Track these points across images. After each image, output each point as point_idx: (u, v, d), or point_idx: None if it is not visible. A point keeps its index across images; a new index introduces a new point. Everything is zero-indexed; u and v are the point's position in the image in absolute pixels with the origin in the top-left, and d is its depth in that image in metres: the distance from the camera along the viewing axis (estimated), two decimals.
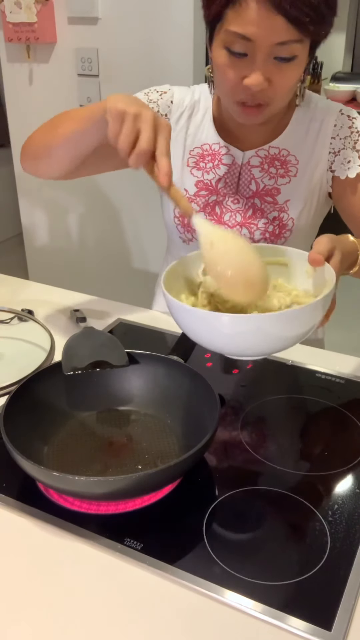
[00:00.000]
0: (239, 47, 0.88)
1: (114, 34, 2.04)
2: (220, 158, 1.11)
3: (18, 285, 1.38)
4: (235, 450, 0.85)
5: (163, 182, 0.78)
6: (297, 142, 1.08)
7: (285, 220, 1.09)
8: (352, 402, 0.95)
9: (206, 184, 1.12)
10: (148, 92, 1.13)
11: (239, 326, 0.72)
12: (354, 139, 1.05)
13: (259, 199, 1.10)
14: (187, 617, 0.63)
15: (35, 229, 2.56)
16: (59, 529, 0.72)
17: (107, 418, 0.89)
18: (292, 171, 1.09)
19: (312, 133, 1.07)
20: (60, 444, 0.84)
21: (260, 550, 0.70)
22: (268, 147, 1.09)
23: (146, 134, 0.78)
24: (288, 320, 0.73)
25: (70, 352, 0.90)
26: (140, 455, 0.82)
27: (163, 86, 1.14)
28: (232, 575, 0.66)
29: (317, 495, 0.77)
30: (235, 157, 1.10)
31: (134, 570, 0.68)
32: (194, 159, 1.13)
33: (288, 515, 0.75)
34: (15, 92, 2.32)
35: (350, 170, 1.05)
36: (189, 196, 1.13)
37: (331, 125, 1.06)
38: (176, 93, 1.13)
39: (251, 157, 1.09)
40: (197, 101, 1.12)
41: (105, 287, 2.37)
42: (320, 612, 0.62)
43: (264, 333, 0.72)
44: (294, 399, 0.97)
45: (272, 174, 1.09)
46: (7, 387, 0.96)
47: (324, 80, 3.42)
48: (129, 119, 0.79)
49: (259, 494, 0.78)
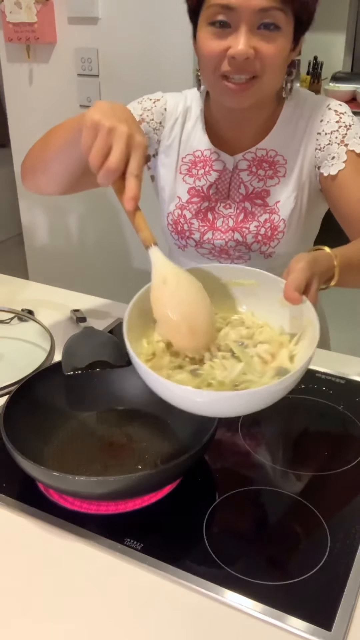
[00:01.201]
0: (222, 17, 0.89)
1: (114, 34, 2.04)
2: (211, 164, 1.10)
3: (18, 285, 1.38)
4: (235, 451, 0.85)
5: (127, 205, 0.74)
6: (284, 142, 1.06)
7: (276, 222, 1.08)
8: (352, 402, 0.95)
9: (198, 191, 1.11)
10: (141, 101, 1.12)
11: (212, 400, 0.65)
12: (342, 133, 1.01)
13: (249, 203, 1.09)
14: (187, 617, 0.63)
15: (35, 229, 2.56)
16: (59, 529, 0.72)
17: (107, 418, 0.89)
18: (280, 172, 1.07)
19: (299, 130, 1.05)
20: (60, 444, 0.84)
21: (260, 550, 0.70)
22: (255, 150, 1.07)
23: (117, 152, 0.73)
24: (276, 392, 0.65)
25: (70, 352, 0.90)
26: (140, 455, 0.82)
27: (155, 94, 1.13)
28: (232, 575, 0.66)
29: (317, 496, 0.77)
30: (225, 162, 1.09)
31: (134, 570, 0.68)
32: (186, 166, 1.12)
33: (288, 516, 0.75)
34: (15, 92, 2.32)
35: (333, 167, 1.01)
36: (182, 203, 1.12)
37: (318, 120, 1.04)
38: (169, 100, 1.12)
39: (239, 160, 1.08)
40: (189, 108, 1.11)
41: (105, 287, 2.37)
42: (320, 612, 0.62)
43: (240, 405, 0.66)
44: (294, 399, 0.97)
45: (261, 176, 1.08)
46: (7, 387, 0.95)
47: (324, 80, 3.42)
48: (102, 132, 0.74)
49: (258, 494, 0.78)
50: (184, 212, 1.12)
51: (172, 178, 1.13)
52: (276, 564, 0.68)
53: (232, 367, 0.71)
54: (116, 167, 0.74)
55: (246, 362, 0.72)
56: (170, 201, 1.14)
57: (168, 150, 1.12)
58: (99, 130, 0.74)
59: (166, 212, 1.15)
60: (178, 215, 1.13)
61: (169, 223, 1.15)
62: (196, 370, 0.72)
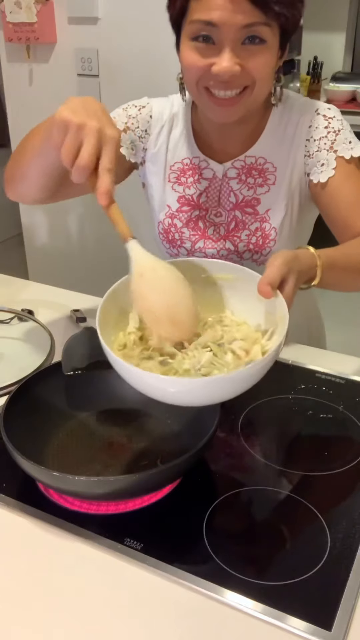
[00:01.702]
0: (206, 32, 0.87)
1: (114, 34, 2.04)
2: (200, 172, 1.08)
3: (18, 285, 1.38)
4: (235, 451, 0.85)
5: (101, 200, 0.73)
6: (273, 149, 1.04)
7: (267, 231, 1.06)
8: (352, 402, 0.95)
9: (188, 199, 1.10)
10: (126, 108, 1.10)
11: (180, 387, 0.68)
12: (331, 139, 0.99)
13: (239, 211, 1.07)
14: (187, 617, 0.63)
15: (35, 229, 2.56)
16: (59, 529, 0.72)
17: (107, 418, 0.89)
18: (270, 179, 1.05)
19: (287, 138, 1.03)
20: (60, 444, 0.84)
21: (260, 551, 0.70)
22: (244, 157, 1.05)
23: (88, 148, 0.72)
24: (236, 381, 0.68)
25: (70, 352, 0.90)
26: (140, 455, 0.82)
27: (141, 100, 1.11)
28: (232, 575, 0.66)
29: (317, 496, 0.77)
30: (215, 170, 1.07)
31: (134, 570, 0.68)
32: (174, 174, 1.10)
33: (288, 516, 0.75)
34: (15, 92, 2.32)
35: (323, 174, 0.99)
36: (172, 212, 1.11)
37: (306, 126, 1.01)
38: (155, 107, 1.10)
39: (228, 169, 1.06)
40: (175, 114, 1.09)
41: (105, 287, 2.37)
42: (320, 612, 0.62)
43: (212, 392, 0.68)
44: (294, 399, 0.97)
45: (250, 184, 1.06)
46: (7, 387, 0.96)
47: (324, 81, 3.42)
48: (72, 129, 0.73)
49: (258, 494, 0.78)
50: (174, 220, 1.11)
51: (161, 186, 1.11)
52: (276, 564, 0.68)
53: (200, 356, 0.73)
54: (87, 164, 0.72)
55: (219, 355, 0.74)
56: (160, 210, 1.12)
57: (154, 159, 1.11)
58: (69, 127, 0.73)
59: (157, 220, 1.14)
60: (169, 224, 1.11)
61: (159, 232, 1.13)
62: (165, 360, 0.74)
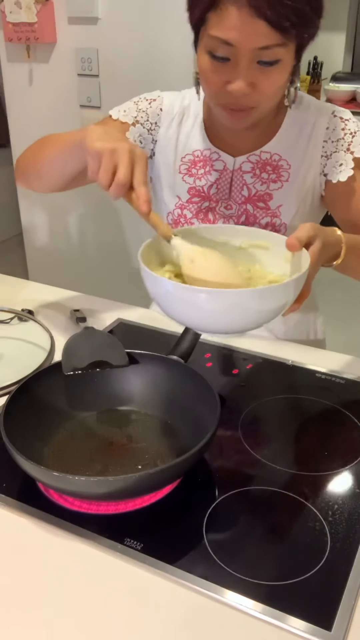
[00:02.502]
0: (222, 51, 0.88)
1: (114, 34, 2.04)
2: (211, 164, 1.10)
3: (18, 285, 1.38)
4: (235, 450, 0.85)
5: (142, 208, 0.80)
6: (288, 147, 1.07)
7: (278, 226, 1.09)
8: (352, 402, 0.95)
9: (198, 191, 1.11)
10: (137, 101, 1.12)
11: (215, 301, 0.74)
12: (347, 140, 1.04)
13: (251, 205, 1.09)
14: (187, 617, 0.63)
15: (35, 229, 2.56)
16: (59, 529, 0.72)
17: (107, 418, 0.89)
18: (284, 176, 1.07)
19: (303, 137, 1.06)
20: (60, 444, 0.84)
21: (260, 551, 0.70)
22: (259, 152, 1.07)
23: (123, 168, 0.79)
24: (261, 296, 0.75)
25: (70, 352, 0.90)
26: (140, 455, 0.82)
27: (153, 93, 1.13)
28: (232, 575, 0.66)
29: (317, 496, 0.77)
30: (226, 163, 1.09)
31: (134, 570, 0.68)
32: (185, 166, 1.12)
33: (288, 515, 0.75)
34: (15, 92, 2.32)
35: (342, 173, 1.04)
36: (182, 203, 1.12)
37: (323, 128, 1.05)
38: (165, 100, 1.12)
39: (242, 162, 1.08)
40: (187, 107, 1.11)
41: (105, 287, 2.37)
42: (320, 612, 0.62)
43: (239, 308, 0.74)
44: (293, 399, 0.97)
45: (264, 179, 1.08)
46: (7, 387, 0.96)
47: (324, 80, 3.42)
48: (106, 156, 0.80)
49: (258, 494, 0.78)
50: (184, 211, 1.12)
51: (172, 177, 1.13)
52: (276, 564, 0.68)
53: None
54: (125, 181, 0.79)
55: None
56: (170, 201, 1.14)
57: (164, 150, 1.12)
58: (102, 155, 0.80)
59: (166, 211, 1.15)
60: (178, 214, 1.13)
61: (169, 222, 1.15)
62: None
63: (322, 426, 0.92)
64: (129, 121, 1.10)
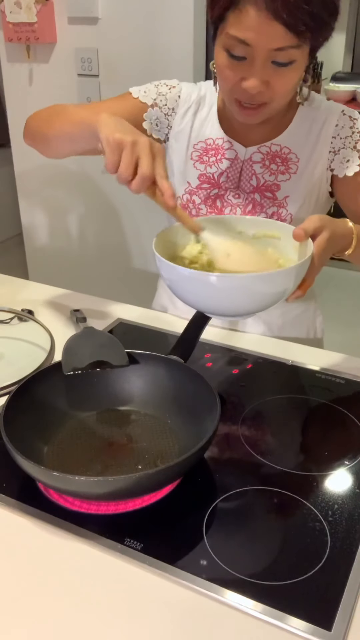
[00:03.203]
0: (239, 50, 0.90)
1: (114, 34, 2.04)
2: (223, 152, 1.13)
3: (18, 285, 1.38)
4: (235, 450, 0.85)
5: (170, 203, 0.81)
6: (298, 141, 1.10)
7: (284, 216, 1.11)
8: (352, 402, 0.95)
9: (208, 177, 1.14)
10: (158, 85, 1.15)
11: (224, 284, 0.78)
12: (355, 139, 1.07)
13: (259, 194, 1.12)
14: (187, 617, 0.63)
15: (35, 229, 2.56)
16: (59, 529, 0.72)
17: (107, 418, 0.89)
18: (292, 168, 1.10)
19: (314, 132, 1.09)
20: (60, 444, 0.84)
21: (260, 551, 0.70)
22: (270, 144, 1.10)
23: (146, 160, 0.80)
24: (265, 280, 0.79)
25: (70, 352, 0.90)
26: (140, 455, 0.82)
27: (172, 80, 1.16)
28: (232, 575, 0.66)
29: (317, 495, 0.77)
30: (238, 152, 1.12)
31: (134, 570, 0.68)
32: (197, 153, 1.14)
33: (288, 515, 0.75)
34: (15, 92, 2.32)
35: (349, 169, 1.07)
36: (192, 189, 1.15)
37: (333, 125, 1.08)
38: (184, 88, 1.15)
39: (253, 153, 1.11)
40: (203, 97, 1.15)
41: (105, 287, 2.37)
42: (320, 612, 0.62)
43: (244, 290, 0.79)
44: (294, 398, 0.97)
45: (273, 170, 1.11)
46: (7, 387, 0.96)
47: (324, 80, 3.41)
48: (127, 147, 0.80)
49: (258, 494, 0.78)
50: (193, 197, 1.15)
51: (183, 163, 1.16)
52: (276, 564, 0.68)
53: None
54: (149, 174, 0.80)
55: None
56: (180, 185, 1.16)
57: (178, 136, 1.15)
58: (124, 146, 0.80)
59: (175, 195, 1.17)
60: (187, 200, 1.16)
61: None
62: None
63: (322, 426, 0.92)
64: (148, 102, 1.13)
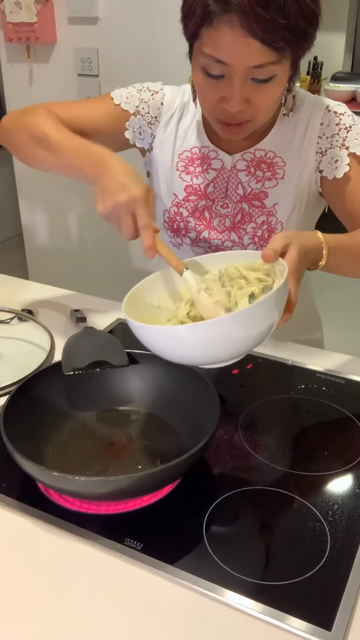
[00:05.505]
0: (215, 69, 0.88)
1: (114, 34, 2.04)
2: (209, 162, 1.09)
3: (18, 285, 1.38)
4: (235, 451, 0.85)
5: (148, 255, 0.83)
6: (283, 144, 1.06)
7: (274, 224, 1.07)
8: (352, 402, 0.95)
9: (195, 189, 1.10)
10: (141, 90, 1.12)
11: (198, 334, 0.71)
12: (342, 136, 1.02)
13: (247, 204, 1.08)
14: (187, 617, 0.63)
15: (35, 229, 2.56)
16: (59, 529, 0.72)
17: (107, 418, 0.89)
18: (279, 174, 1.06)
19: (298, 134, 1.04)
20: (60, 444, 0.84)
21: (260, 550, 0.70)
22: (254, 150, 1.06)
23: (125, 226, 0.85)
24: (244, 320, 0.71)
25: (70, 352, 0.90)
26: (140, 455, 0.82)
27: (156, 84, 1.13)
28: (232, 575, 0.66)
29: (317, 495, 0.77)
30: (224, 161, 1.08)
31: (134, 570, 0.68)
32: (183, 163, 1.11)
33: (288, 515, 0.75)
34: (15, 92, 2.32)
35: (338, 170, 1.02)
36: (179, 201, 1.12)
37: (317, 123, 1.03)
38: (167, 94, 1.11)
39: (237, 160, 1.07)
40: (186, 103, 1.11)
41: (105, 287, 2.37)
42: (320, 612, 0.62)
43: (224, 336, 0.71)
44: (294, 399, 0.97)
45: (259, 177, 1.07)
46: (7, 387, 0.96)
47: (324, 80, 3.42)
48: (114, 219, 0.85)
49: (258, 494, 0.78)
50: (180, 209, 1.12)
51: (169, 174, 1.12)
52: (276, 564, 0.68)
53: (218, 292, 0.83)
54: (131, 236, 0.85)
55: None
56: (167, 198, 1.13)
57: (162, 146, 1.12)
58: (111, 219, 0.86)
59: (162, 209, 1.14)
60: (174, 212, 1.12)
61: (165, 220, 1.14)
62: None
63: (322, 426, 0.92)
64: (130, 110, 1.10)
